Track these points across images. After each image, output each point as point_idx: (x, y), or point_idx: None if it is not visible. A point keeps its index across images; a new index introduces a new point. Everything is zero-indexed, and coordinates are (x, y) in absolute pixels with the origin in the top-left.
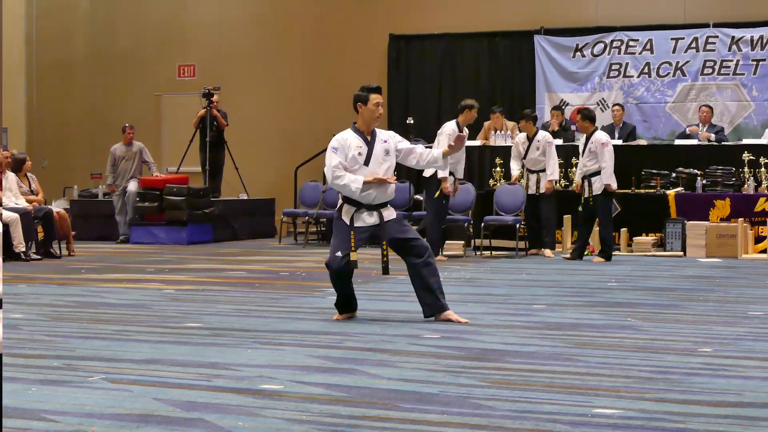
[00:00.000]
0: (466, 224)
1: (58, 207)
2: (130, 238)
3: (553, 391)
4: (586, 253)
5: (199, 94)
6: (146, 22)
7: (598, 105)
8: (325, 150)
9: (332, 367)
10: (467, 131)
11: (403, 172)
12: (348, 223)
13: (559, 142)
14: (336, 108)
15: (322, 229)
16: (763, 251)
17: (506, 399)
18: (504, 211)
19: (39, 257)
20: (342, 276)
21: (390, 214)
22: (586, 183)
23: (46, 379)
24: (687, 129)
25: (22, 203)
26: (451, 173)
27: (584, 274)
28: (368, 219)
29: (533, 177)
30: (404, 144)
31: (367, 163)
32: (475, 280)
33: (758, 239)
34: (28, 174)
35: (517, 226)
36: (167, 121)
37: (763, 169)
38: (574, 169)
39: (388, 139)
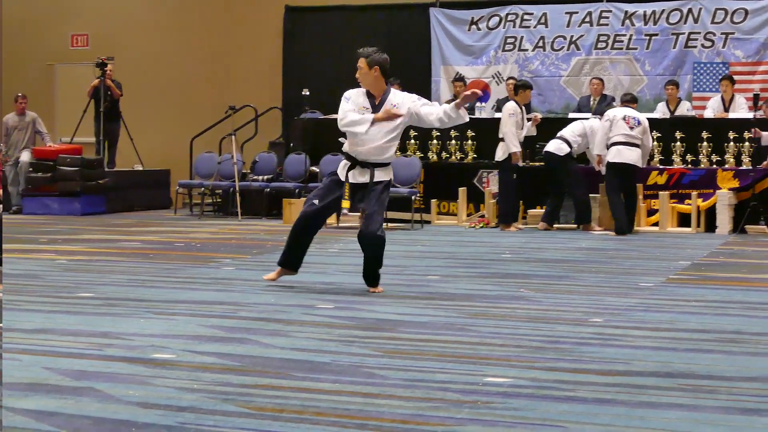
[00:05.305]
0: None
1: None
2: (23, 209)
3: (445, 360)
4: (481, 225)
5: (93, 64)
6: None
7: (494, 78)
8: (220, 122)
9: (225, 336)
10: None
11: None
12: (342, 179)
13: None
14: (232, 79)
15: (218, 200)
16: (655, 224)
17: (398, 368)
18: (399, 182)
19: None
20: (304, 221)
21: (383, 176)
22: None
23: None
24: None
25: None
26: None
27: (479, 246)
28: (360, 177)
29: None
30: (426, 108)
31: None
32: None
33: (650, 212)
34: None
35: (412, 198)
36: (60, 91)
37: (655, 142)
38: (470, 141)
39: (399, 103)
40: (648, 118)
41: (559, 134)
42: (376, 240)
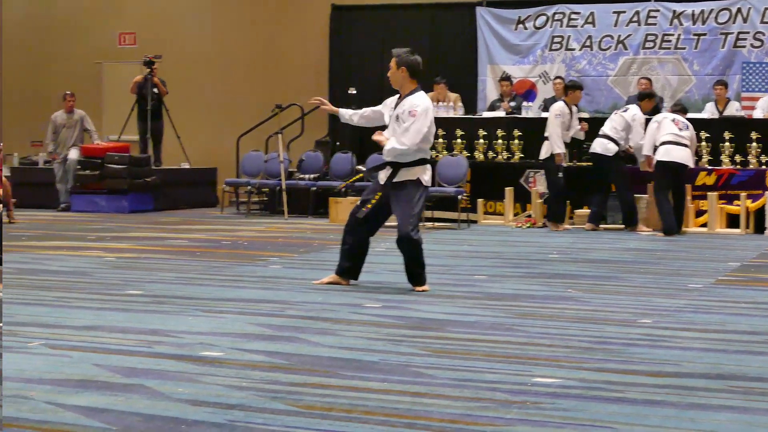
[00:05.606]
0: None
1: None
2: (71, 206)
3: (494, 360)
4: (528, 225)
5: (140, 62)
6: None
7: (540, 77)
8: (266, 120)
9: (273, 335)
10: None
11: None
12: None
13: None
14: (278, 77)
15: (265, 198)
16: (704, 225)
17: (446, 368)
18: (446, 182)
19: None
20: (351, 221)
21: (408, 175)
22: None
23: None
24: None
25: None
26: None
27: (526, 246)
28: (381, 176)
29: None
30: (407, 120)
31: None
32: None
33: (699, 213)
34: None
35: (459, 197)
36: (108, 90)
37: (703, 143)
38: (516, 141)
39: (405, 104)
40: (696, 119)
41: (601, 132)
42: (409, 242)
